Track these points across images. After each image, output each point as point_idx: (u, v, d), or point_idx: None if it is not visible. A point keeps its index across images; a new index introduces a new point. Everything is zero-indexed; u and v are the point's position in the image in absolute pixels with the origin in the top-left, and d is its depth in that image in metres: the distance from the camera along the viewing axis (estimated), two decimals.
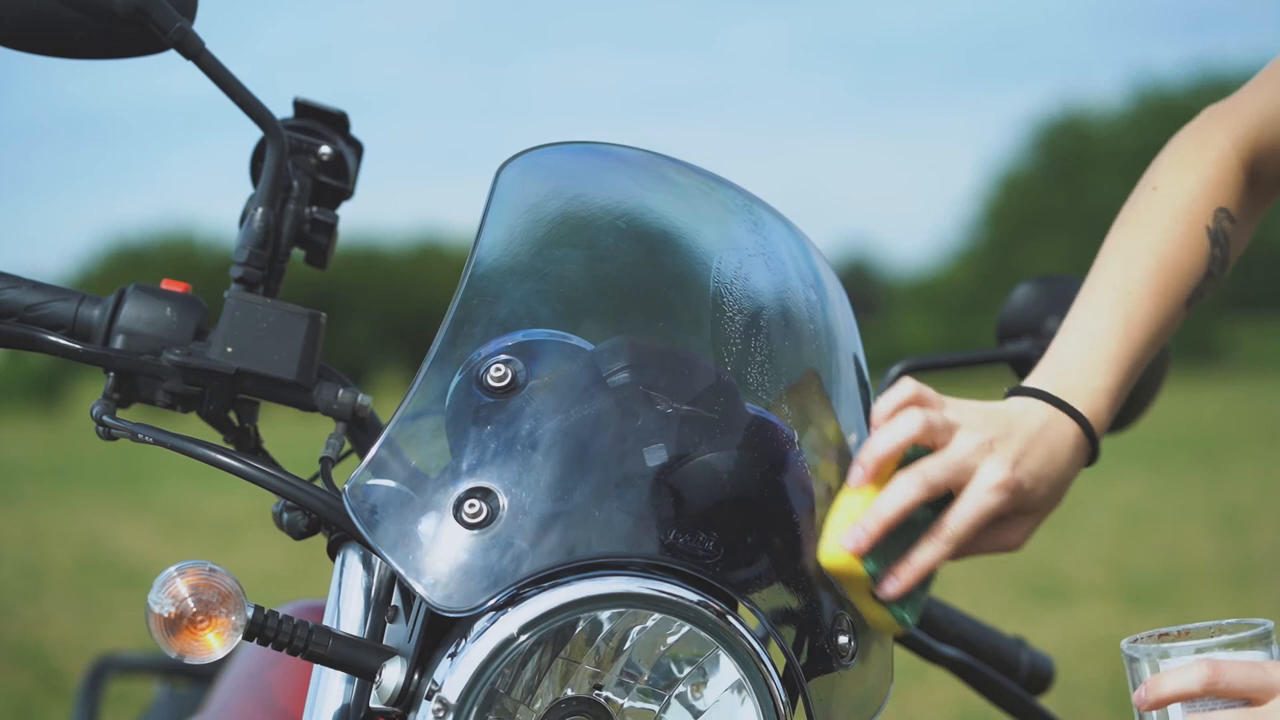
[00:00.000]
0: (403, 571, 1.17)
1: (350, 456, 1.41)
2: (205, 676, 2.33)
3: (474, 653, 1.14)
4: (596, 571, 1.16)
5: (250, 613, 1.16)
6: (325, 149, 1.49)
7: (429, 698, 1.15)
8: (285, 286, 1.43)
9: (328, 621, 1.25)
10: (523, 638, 1.14)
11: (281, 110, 1.46)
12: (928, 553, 1.27)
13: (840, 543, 1.23)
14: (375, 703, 1.19)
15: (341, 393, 1.37)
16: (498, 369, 1.22)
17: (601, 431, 1.19)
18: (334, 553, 1.30)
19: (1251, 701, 1.16)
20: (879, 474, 1.26)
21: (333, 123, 1.52)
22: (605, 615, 1.16)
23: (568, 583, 1.15)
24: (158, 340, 1.33)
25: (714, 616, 1.16)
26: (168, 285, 1.36)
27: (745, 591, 1.19)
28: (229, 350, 1.32)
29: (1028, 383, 1.38)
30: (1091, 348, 1.38)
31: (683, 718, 1.18)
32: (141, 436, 1.28)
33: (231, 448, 1.37)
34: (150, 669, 2.52)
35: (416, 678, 1.18)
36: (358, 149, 1.53)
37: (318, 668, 1.24)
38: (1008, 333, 1.74)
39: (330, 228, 1.47)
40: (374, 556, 1.25)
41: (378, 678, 1.18)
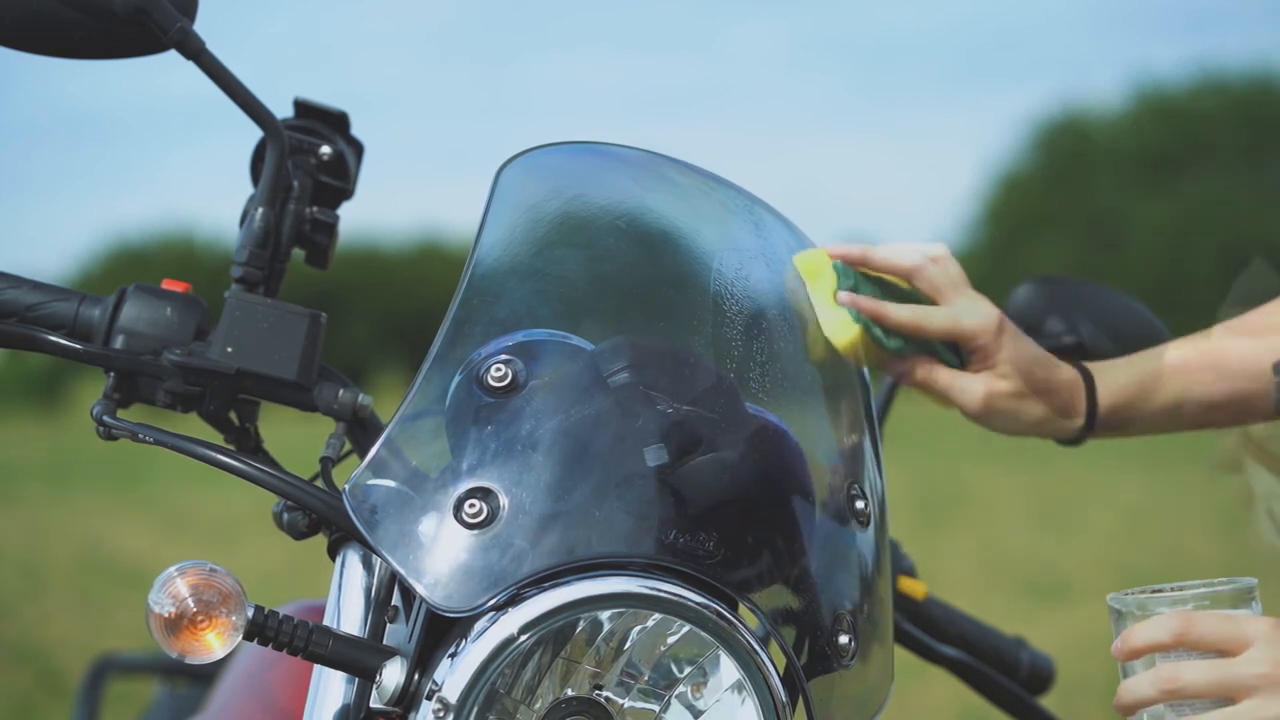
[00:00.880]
0: (403, 571, 1.17)
1: (350, 456, 1.41)
2: (205, 676, 2.32)
3: (474, 653, 1.14)
4: (597, 571, 1.16)
5: (250, 613, 1.16)
6: (325, 149, 1.49)
7: (429, 698, 1.14)
8: (285, 286, 1.43)
9: (328, 621, 1.25)
10: (523, 638, 1.14)
11: (282, 110, 1.46)
12: (902, 311, 1.43)
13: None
14: (375, 703, 1.19)
15: (342, 393, 1.37)
16: (498, 369, 1.22)
17: (602, 431, 1.19)
18: (334, 553, 1.30)
19: (1224, 653, 1.18)
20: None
21: (333, 123, 1.52)
22: (605, 615, 1.15)
23: (568, 583, 1.15)
24: (158, 340, 1.33)
25: (714, 617, 1.16)
26: (168, 285, 1.36)
27: (745, 591, 1.19)
28: (229, 350, 1.32)
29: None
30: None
31: (683, 718, 1.18)
32: (142, 436, 1.28)
33: (232, 448, 1.37)
34: (150, 669, 2.52)
35: (417, 678, 1.18)
36: (358, 149, 1.53)
37: (318, 668, 1.23)
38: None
39: (330, 228, 1.47)
40: (374, 556, 1.25)
41: (378, 678, 1.18)
